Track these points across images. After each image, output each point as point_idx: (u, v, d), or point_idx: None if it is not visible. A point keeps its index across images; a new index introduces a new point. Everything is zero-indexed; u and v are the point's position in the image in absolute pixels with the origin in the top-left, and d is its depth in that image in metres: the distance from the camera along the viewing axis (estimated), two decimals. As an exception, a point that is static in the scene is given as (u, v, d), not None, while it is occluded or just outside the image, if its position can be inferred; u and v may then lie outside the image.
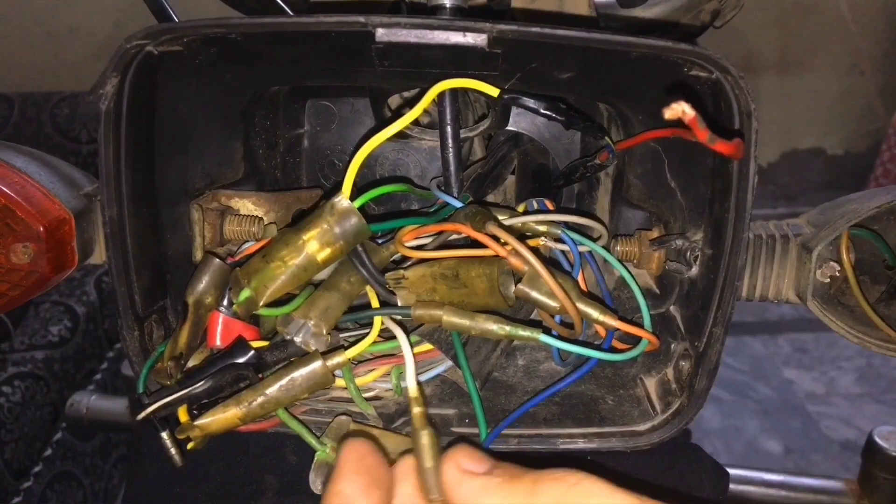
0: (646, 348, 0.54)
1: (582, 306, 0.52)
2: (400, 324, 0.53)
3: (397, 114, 0.69)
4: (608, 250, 0.61)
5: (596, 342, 0.59)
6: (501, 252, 0.51)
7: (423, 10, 0.64)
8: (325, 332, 0.53)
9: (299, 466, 0.64)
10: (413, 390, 0.47)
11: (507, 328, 0.51)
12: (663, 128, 0.54)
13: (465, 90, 0.63)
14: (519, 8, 0.68)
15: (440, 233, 0.57)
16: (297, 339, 0.52)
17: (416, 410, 0.46)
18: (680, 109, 0.39)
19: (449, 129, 0.61)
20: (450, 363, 0.55)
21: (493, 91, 0.53)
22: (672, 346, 0.58)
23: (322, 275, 0.55)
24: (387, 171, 0.78)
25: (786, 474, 1.03)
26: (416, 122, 0.72)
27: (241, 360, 0.52)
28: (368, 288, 0.56)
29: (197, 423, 0.50)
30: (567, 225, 0.60)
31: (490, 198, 0.71)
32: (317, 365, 0.51)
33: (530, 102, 0.55)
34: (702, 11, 0.76)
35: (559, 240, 0.59)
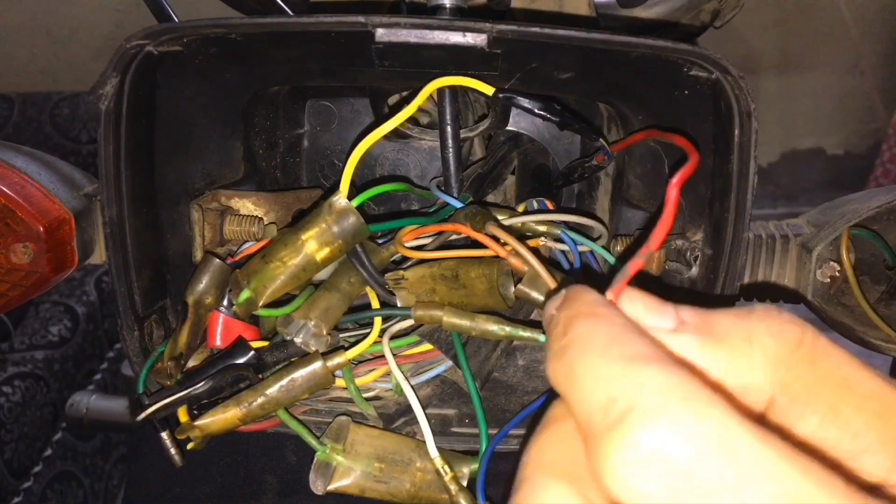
0: (646, 348, 0.54)
1: (582, 306, 0.52)
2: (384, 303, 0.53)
3: (396, 113, 0.69)
4: (608, 250, 0.61)
5: (596, 342, 0.59)
6: (501, 252, 0.51)
7: (423, 10, 0.64)
8: (325, 332, 0.53)
9: (299, 466, 0.64)
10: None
11: (508, 329, 0.51)
12: (651, 129, 0.54)
13: (465, 90, 0.63)
14: (519, 8, 0.68)
15: (440, 233, 0.57)
16: (298, 340, 0.52)
17: None
18: None
19: (449, 129, 0.61)
20: (450, 363, 0.54)
21: (488, 90, 0.53)
22: (672, 346, 0.58)
23: (322, 275, 0.55)
24: (387, 171, 0.78)
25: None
26: (416, 123, 0.72)
27: (241, 361, 0.52)
28: (369, 288, 0.56)
29: (197, 423, 0.50)
30: (567, 225, 0.60)
31: (490, 198, 0.71)
32: (317, 365, 0.51)
33: (525, 102, 0.55)
34: (702, 11, 0.76)
35: (559, 240, 0.59)
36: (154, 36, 0.49)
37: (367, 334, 0.54)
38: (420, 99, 0.52)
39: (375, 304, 0.56)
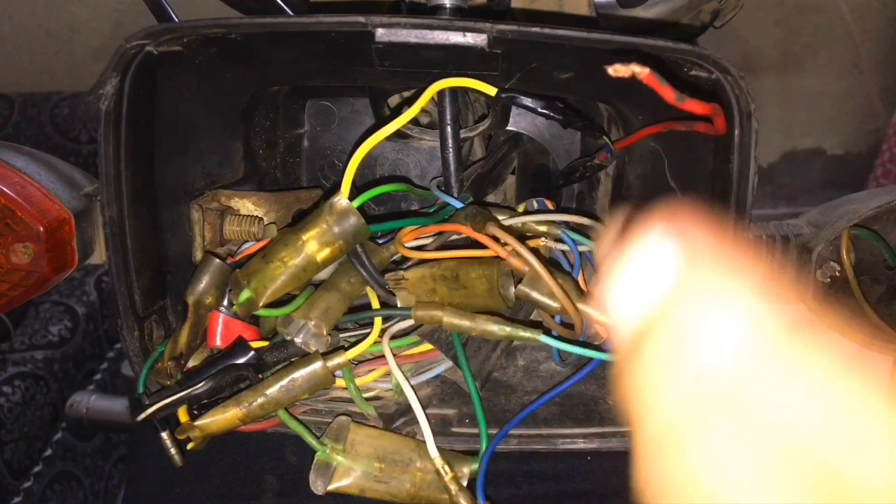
0: (646, 348, 0.54)
1: (582, 307, 0.52)
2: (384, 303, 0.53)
3: (397, 113, 0.69)
4: (608, 250, 0.61)
5: (596, 342, 0.59)
6: (501, 253, 0.51)
7: (423, 10, 0.64)
8: (325, 332, 0.53)
9: (299, 466, 0.63)
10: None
11: (508, 329, 0.51)
12: (657, 124, 0.54)
13: (466, 90, 0.63)
14: (519, 8, 0.68)
15: (440, 233, 0.57)
16: (298, 340, 0.52)
17: None
18: (628, 71, 0.35)
19: (449, 129, 0.61)
20: (450, 363, 0.54)
21: (491, 90, 0.53)
22: (672, 346, 0.58)
23: (323, 275, 0.55)
24: (387, 171, 0.78)
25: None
26: (416, 123, 0.72)
27: (241, 361, 0.52)
28: (369, 288, 0.56)
29: (197, 423, 0.50)
30: (567, 225, 0.60)
31: (490, 198, 0.71)
32: (317, 365, 0.51)
33: (528, 101, 0.55)
34: (702, 11, 0.76)
35: (559, 240, 0.59)
36: (154, 36, 0.49)
37: (367, 334, 0.54)
38: (423, 101, 0.52)
39: (375, 304, 0.56)
